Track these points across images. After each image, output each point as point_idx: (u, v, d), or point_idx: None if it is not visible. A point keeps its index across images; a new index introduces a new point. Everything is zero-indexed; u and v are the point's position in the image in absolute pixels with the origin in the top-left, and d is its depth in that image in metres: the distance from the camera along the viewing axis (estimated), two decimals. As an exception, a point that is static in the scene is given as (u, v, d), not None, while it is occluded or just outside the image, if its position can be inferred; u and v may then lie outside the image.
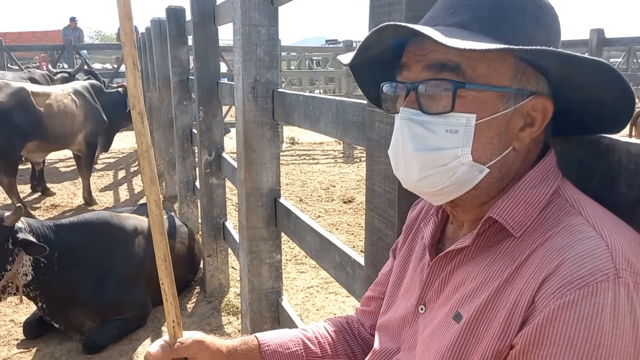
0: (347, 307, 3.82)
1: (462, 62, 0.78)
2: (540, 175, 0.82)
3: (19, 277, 3.09)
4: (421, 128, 0.80)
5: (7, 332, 3.56)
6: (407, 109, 0.82)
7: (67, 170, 8.71)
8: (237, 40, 2.48)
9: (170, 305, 1.01)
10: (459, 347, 0.78)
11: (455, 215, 0.91)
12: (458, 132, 0.79)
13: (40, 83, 7.60)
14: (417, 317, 0.92)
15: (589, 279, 0.67)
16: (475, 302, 0.79)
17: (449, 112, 0.78)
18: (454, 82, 0.78)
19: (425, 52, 0.80)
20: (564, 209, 0.78)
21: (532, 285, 0.71)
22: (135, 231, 3.77)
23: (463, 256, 0.86)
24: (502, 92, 0.78)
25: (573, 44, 9.61)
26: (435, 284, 0.90)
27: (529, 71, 0.79)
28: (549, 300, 0.68)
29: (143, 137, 0.96)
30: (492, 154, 0.80)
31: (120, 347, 3.38)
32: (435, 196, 0.85)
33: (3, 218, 3.03)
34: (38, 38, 21.19)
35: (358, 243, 5.07)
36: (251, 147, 2.48)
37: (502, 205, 0.80)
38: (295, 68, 14.66)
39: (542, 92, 0.81)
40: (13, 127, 5.61)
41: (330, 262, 1.90)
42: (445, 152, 0.79)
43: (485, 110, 0.78)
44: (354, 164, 9.12)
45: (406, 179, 0.86)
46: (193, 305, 3.97)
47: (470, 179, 0.81)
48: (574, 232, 0.73)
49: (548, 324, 0.68)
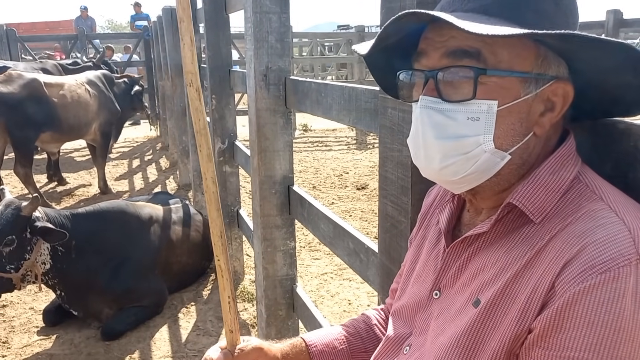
0: (361, 294, 3.83)
1: (482, 48, 0.76)
2: (560, 160, 0.81)
3: (38, 266, 3.14)
4: (442, 116, 0.79)
5: (27, 319, 3.63)
6: (426, 97, 0.81)
7: (82, 159, 8.79)
8: (248, 28, 2.47)
9: (226, 281, 1.02)
10: (476, 330, 0.78)
11: (473, 202, 0.90)
12: (480, 120, 0.78)
13: (52, 73, 7.64)
14: (431, 302, 0.92)
15: (610, 263, 0.67)
16: (493, 288, 0.78)
17: (470, 99, 0.77)
18: (475, 68, 0.76)
19: (444, 38, 0.79)
20: (584, 194, 0.77)
21: (552, 270, 0.71)
22: (151, 219, 3.80)
23: (481, 242, 0.85)
24: (523, 78, 0.77)
25: (589, 25, 9.45)
26: (452, 270, 0.89)
27: (549, 56, 0.78)
28: (570, 284, 0.68)
29: (200, 114, 0.96)
30: (514, 140, 0.79)
31: (137, 334, 3.43)
32: (457, 184, 0.84)
33: (20, 208, 3.08)
34: (51, 28, 21.26)
35: (372, 229, 5.07)
36: (264, 135, 2.48)
37: (522, 191, 0.80)
38: (307, 54, 14.60)
39: (563, 76, 0.80)
40: (27, 118, 5.66)
41: (344, 249, 1.91)
42: (467, 140, 0.78)
43: (506, 97, 0.77)
44: (367, 151, 9.09)
45: (427, 168, 0.85)
46: (209, 292, 4.01)
47: (492, 166, 0.80)
48: (596, 217, 0.73)
49: (568, 308, 0.68)
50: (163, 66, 8.20)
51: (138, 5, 15.24)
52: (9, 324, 3.57)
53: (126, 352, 3.23)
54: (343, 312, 3.60)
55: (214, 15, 3.82)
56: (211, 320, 3.57)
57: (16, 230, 3.04)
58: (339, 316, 3.55)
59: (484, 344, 0.77)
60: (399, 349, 0.98)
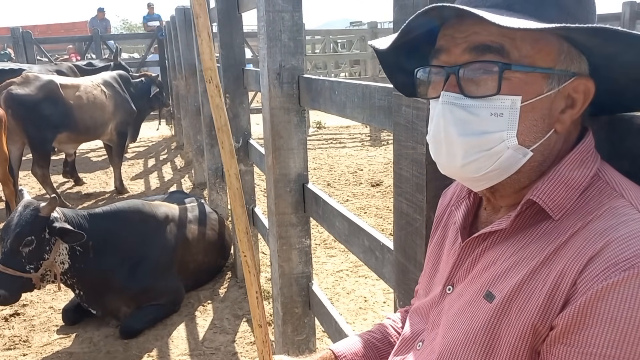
0: (377, 291, 3.83)
1: (505, 43, 0.76)
2: (580, 157, 0.80)
3: (57, 266, 3.18)
4: (464, 112, 0.79)
5: (47, 318, 3.68)
6: (448, 93, 0.80)
7: (98, 159, 8.88)
8: (261, 27, 2.47)
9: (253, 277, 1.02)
10: (493, 326, 0.78)
11: (492, 200, 0.90)
12: (503, 115, 0.77)
13: (67, 75, 7.73)
14: (444, 298, 0.93)
15: (634, 260, 0.66)
16: (509, 282, 0.78)
17: (494, 94, 0.76)
18: (500, 63, 0.76)
19: (465, 34, 0.78)
20: (605, 191, 0.77)
21: (574, 267, 0.71)
22: (167, 218, 3.83)
23: (496, 237, 0.85)
24: (547, 74, 0.77)
25: (604, 17, 9.33)
26: (465, 264, 0.89)
27: (572, 52, 0.78)
28: (593, 282, 0.68)
29: (221, 111, 0.96)
30: (536, 136, 0.79)
31: (155, 332, 3.46)
32: (478, 181, 0.84)
33: (39, 209, 3.12)
34: (66, 30, 21.46)
35: (387, 226, 5.06)
36: (278, 134, 2.49)
37: (542, 188, 0.79)
38: (320, 51, 14.59)
39: (584, 73, 0.79)
40: (44, 120, 5.73)
41: (359, 247, 1.91)
42: (491, 136, 0.78)
43: (530, 92, 0.77)
44: (381, 147, 9.07)
45: (448, 165, 0.84)
46: (225, 290, 4.04)
47: (515, 162, 0.80)
48: (617, 214, 0.72)
49: (591, 305, 0.67)
50: (177, 66, 8.24)
51: (150, 6, 15.37)
52: (29, 323, 3.62)
53: (144, 350, 3.27)
54: (359, 309, 3.61)
55: (227, 15, 3.84)
56: (228, 318, 3.60)
57: (35, 231, 3.08)
58: (354, 313, 3.56)
59: (501, 339, 0.77)
60: (413, 344, 0.98)
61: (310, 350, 2.79)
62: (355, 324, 3.42)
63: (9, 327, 3.57)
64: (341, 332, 2.18)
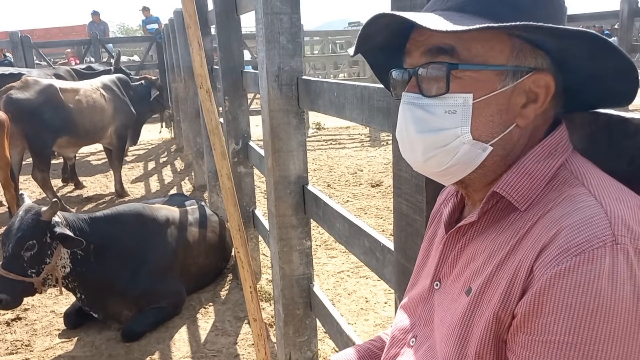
0: (378, 291, 3.84)
1: (456, 44, 0.80)
2: (547, 149, 0.82)
3: (58, 270, 3.19)
4: (421, 111, 0.83)
5: (49, 322, 3.68)
6: (408, 94, 0.85)
7: (98, 163, 8.88)
8: (259, 29, 2.48)
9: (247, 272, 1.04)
10: (467, 318, 0.80)
11: (469, 195, 0.93)
12: (456, 112, 0.81)
13: (65, 79, 7.73)
14: (432, 293, 0.95)
15: (585, 246, 0.67)
16: (482, 275, 0.80)
17: (444, 93, 0.80)
18: (446, 64, 0.80)
19: (424, 37, 0.83)
20: (568, 180, 0.79)
21: (531, 255, 0.72)
22: (168, 221, 3.84)
23: (473, 232, 0.88)
24: (499, 71, 0.80)
25: (603, 15, 9.35)
26: (449, 260, 0.92)
27: (525, 48, 0.80)
28: (546, 268, 0.69)
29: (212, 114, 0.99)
30: (494, 131, 0.81)
31: (157, 335, 3.46)
32: (443, 176, 0.88)
33: (40, 213, 3.12)
34: (65, 33, 21.51)
35: (387, 227, 5.07)
36: (277, 136, 2.50)
37: (507, 180, 0.82)
38: (319, 52, 14.61)
39: (543, 67, 0.81)
40: (44, 124, 5.73)
41: (360, 248, 1.91)
42: (446, 133, 0.82)
43: (482, 89, 0.80)
44: (381, 147, 9.08)
45: (413, 161, 0.89)
46: (226, 292, 4.04)
47: (474, 157, 0.82)
48: (574, 201, 0.74)
49: (545, 292, 0.68)
50: (176, 68, 8.25)
51: (147, 9, 15.36)
52: (31, 327, 3.63)
53: (146, 353, 3.27)
54: (360, 310, 3.61)
55: (225, 17, 3.84)
56: (229, 320, 3.60)
57: (37, 235, 3.09)
58: (356, 314, 3.56)
59: (472, 331, 0.79)
60: (405, 340, 1.00)
61: (312, 351, 2.80)
62: (356, 324, 3.43)
63: (10, 332, 3.57)
64: (342, 333, 2.18)
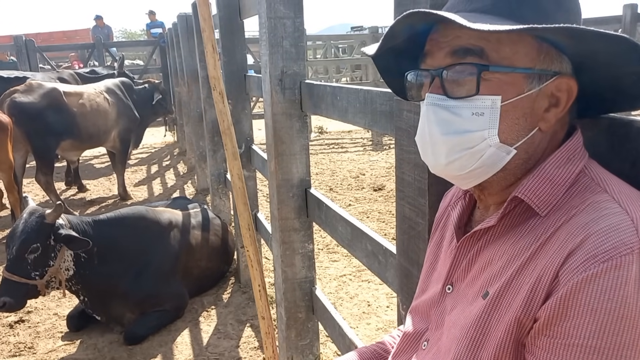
0: (380, 295, 3.84)
1: (485, 46, 0.79)
2: (566, 155, 0.82)
3: (62, 272, 3.20)
4: (447, 112, 0.82)
5: (52, 325, 3.69)
6: (432, 95, 0.84)
7: (101, 166, 8.91)
8: (263, 34, 2.49)
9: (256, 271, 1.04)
10: (483, 321, 0.80)
11: (482, 198, 0.92)
12: (484, 115, 0.80)
13: (69, 83, 7.76)
14: (444, 297, 0.94)
15: (612, 252, 0.68)
16: (500, 279, 0.80)
17: (473, 95, 0.80)
18: (477, 65, 0.79)
19: (448, 38, 0.82)
20: (589, 187, 0.79)
21: (556, 260, 0.72)
22: (170, 224, 3.85)
23: (489, 236, 0.87)
24: (526, 74, 0.79)
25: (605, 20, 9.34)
26: (463, 264, 0.91)
27: (551, 52, 0.80)
28: (573, 274, 0.69)
29: (224, 116, 0.99)
30: (519, 135, 0.81)
31: (159, 338, 3.47)
32: (464, 179, 0.87)
33: (44, 216, 3.14)
34: (69, 37, 21.55)
35: (389, 230, 5.07)
36: (280, 139, 2.50)
37: (528, 185, 0.82)
38: (321, 57, 14.63)
39: (566, 72, 0.81)
40: (47, 127, 5.76)
41: (362, 251, 1.92)
42: (472, 135, 0.81)
43: (510, 92, 0.79)
44: (383, 152, 9.08)
45: (435, 164, 0.87)
46: (229, 295, 4.04)
47: (498, 160, 0.82)
48: (599, 208, 0.74)
49: (572, 297, 0.69)
50: (179, 72, 8.28)
51: (152, 13, 15.43)
52: (34, 329, 3.64)
53: (149, 356, 3.28)
54: (362, 314, 3.61)
55: (229, 22, 3.86)
56: (232, 324, 3.60)
57: (41, 238, 3.10)
58: (358, 318, 3.56)
59: (489, 334, 0.79)
60: (417, 344, 1.00)
61: (314, 355, 2.80)
62: (358, 328, 3.43)
63: (14, 334, 3.58)
64: (344, 336, 2.18)
